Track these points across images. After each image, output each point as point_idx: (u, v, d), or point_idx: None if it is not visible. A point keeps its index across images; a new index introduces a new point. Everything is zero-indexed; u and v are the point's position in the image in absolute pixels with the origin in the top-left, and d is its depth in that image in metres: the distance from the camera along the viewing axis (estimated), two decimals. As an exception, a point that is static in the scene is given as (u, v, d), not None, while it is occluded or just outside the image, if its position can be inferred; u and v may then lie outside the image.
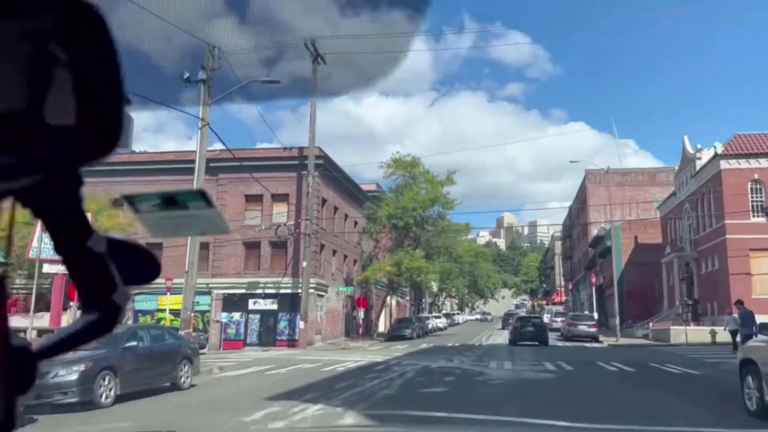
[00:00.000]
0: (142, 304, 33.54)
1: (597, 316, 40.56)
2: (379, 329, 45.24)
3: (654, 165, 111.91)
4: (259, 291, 34.49)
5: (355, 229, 42.96)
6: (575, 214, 71.28)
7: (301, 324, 32.11)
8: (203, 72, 18.38)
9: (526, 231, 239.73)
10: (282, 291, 34.17)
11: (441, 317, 60.66)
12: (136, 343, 11.96)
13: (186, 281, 18.27)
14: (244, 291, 34.50)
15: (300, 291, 32.30)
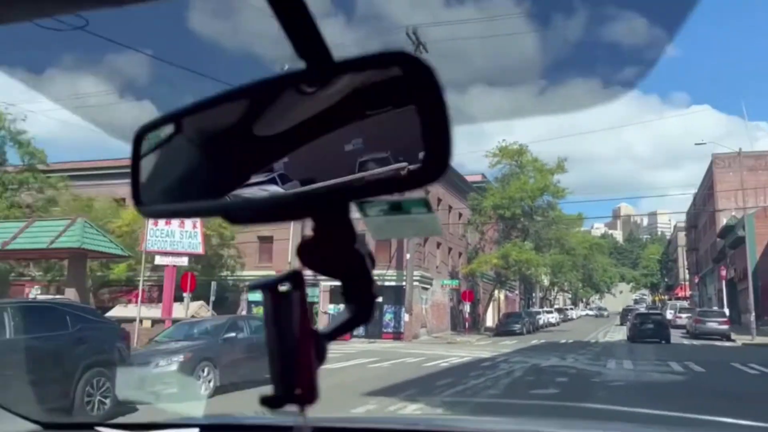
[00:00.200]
0: (255, 295, 34.29)
1: (728, 312, 37.18)
2: (487, 324, 44.12)
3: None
4: (365, 283, 34.63)
5: (460, 221, 41.99)
6: (701, 202, 65.78)
7: (406, 317, 31.78)
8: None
9: (645, 222, 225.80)
10: (387, 283, 34.03)
11: (553, 312, 58.40)
12: (235, 334, 11.88)
13: (288, 273, 18.32)
14: (350, 283, 34.79)
15: (404, 283, 31.95)
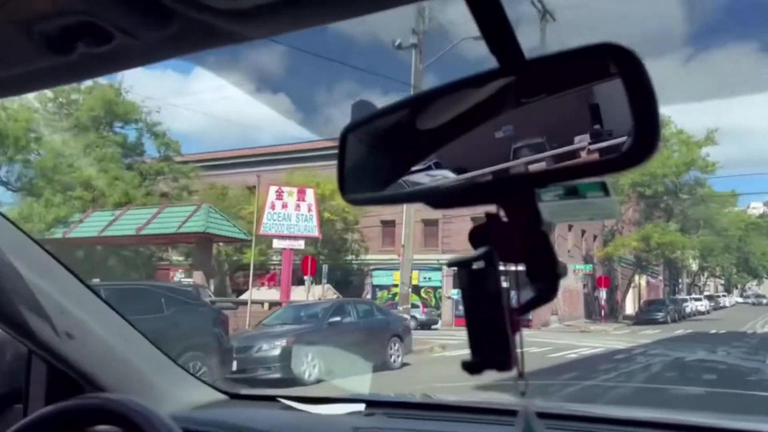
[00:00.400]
0: (379, 279, 34.81)
1: None
2: (626, 311, 41.18)
3: None
4: (490, 267, 33.60)
5: (594, 201, 39.39)
6: None
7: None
8: (414, 36, 17.57)
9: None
10: (514, 267, 32.67)
11: (702, 300, 53.24)
12: (340, 319, 11.48)
13: (403, 255, 17.81)
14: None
15: (531, 268, 30.46)
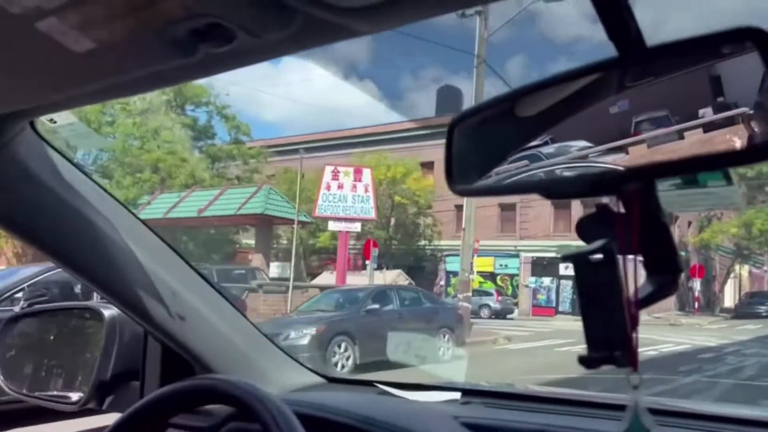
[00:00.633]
0: (453, 264, 33.69)
1: None
2: (724, 304, 38.13)
3: None
4: (570, 255, 31.86)
5: (688, 184, 36.47)
6: None
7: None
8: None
9: None
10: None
11: (815, 292, 48.58)
12: (379, 306, 10.56)
13: (463, 239, 16.65)
14: (554, 254, 32.16)
15: (615, 256, 28.50)
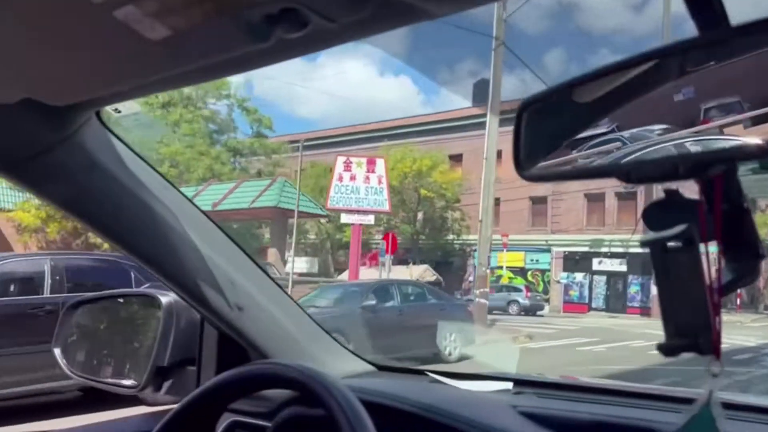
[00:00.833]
0: (482, 259, 32.93)
1: None
2: (770, 301, 35.97)
3: None
4: (605, 250, 30.38)
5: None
6: None
7: (654, 290, 26.91)
8: (496, -18, 15.36)
9: None
10: (631, 250, 29.26)
11: None
12: (375, 302, 9.88)
13: (479, 232, 15.79)
14: (587, 249, 30.91)
15: (652, 250, 27.08)
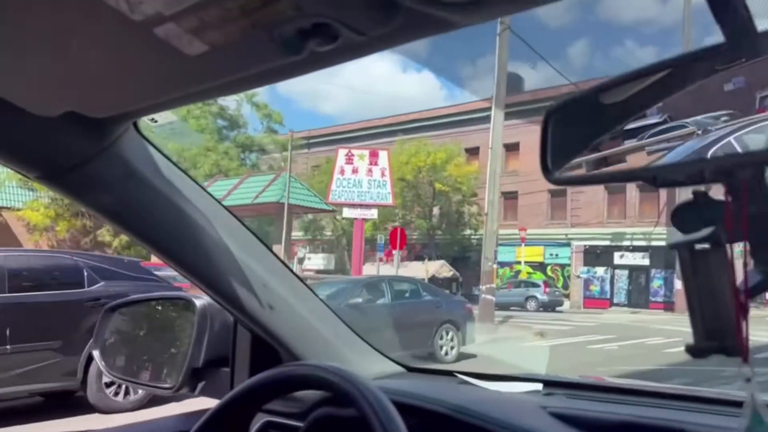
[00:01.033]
0: (501, 255, 32.03)
1: None
2: (803, 296, 34.54)
3: None
4: (626, 243, 29.41)
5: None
6: None
7: (678, 283, 25.93)
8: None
9: None
10: (654, 243, 28.29)
11: None
12: (361, 300, 9.27)
13: (485, 225, 15.10)
14: (608, 243, 29.97)
15: (675, 243, 26.11)
